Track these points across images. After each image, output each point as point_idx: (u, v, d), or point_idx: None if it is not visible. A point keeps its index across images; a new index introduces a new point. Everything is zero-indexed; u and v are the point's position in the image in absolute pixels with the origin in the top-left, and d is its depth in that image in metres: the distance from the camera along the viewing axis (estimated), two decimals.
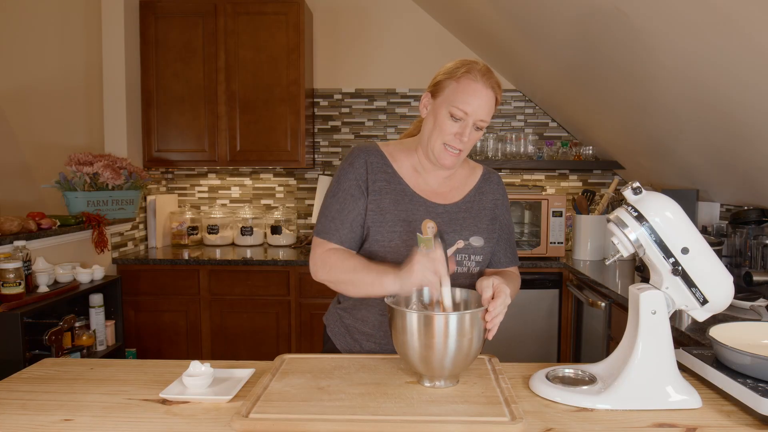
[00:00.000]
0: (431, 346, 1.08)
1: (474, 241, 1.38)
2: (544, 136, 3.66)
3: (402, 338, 1.12)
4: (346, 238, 1.35)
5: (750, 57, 1.60)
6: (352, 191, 1.36)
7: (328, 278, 1.33)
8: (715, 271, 1.08)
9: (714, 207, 2.65)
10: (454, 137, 1.30)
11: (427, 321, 1.09)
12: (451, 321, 1.08)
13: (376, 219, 1.35)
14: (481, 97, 1.27)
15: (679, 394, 1.06)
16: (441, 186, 1.42)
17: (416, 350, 1.10)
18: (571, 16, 2.22)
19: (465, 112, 1.28)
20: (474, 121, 1.29)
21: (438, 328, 1.08)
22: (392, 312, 1.14)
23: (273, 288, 3.05)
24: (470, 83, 1.28)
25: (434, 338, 1.08)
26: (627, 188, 1.10)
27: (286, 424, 0.96)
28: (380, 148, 1.42)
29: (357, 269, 1.28)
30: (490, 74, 1.30)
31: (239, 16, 3.27)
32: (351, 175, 1.37)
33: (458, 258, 1.37)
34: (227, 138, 3.33)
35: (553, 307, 3.02)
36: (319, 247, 1.36)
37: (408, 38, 3.60)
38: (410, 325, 1.10)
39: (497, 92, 1.31)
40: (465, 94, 1.27)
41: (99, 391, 1.15)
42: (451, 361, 1.10)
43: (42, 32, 3.53)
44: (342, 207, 1.36)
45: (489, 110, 1.30)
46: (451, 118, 1.29)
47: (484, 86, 1.28)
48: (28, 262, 2.22)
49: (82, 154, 2.83)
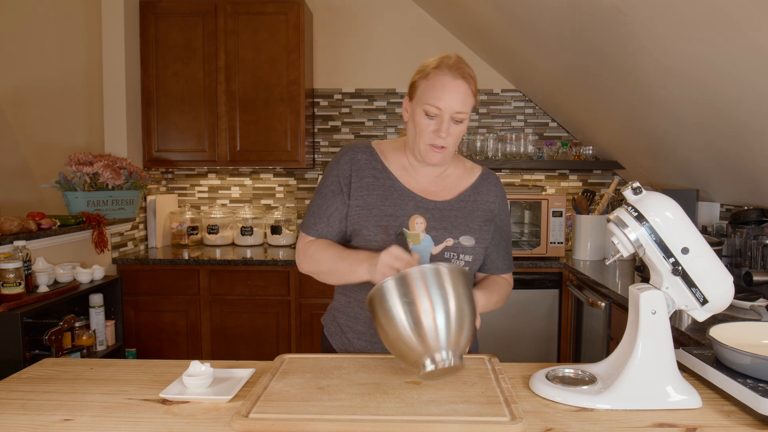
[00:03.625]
0: (414, 302, 1.06)
1: (464, 240, 1.38)
2: (544, 136, 3.66)
3: (387, 318, 1.08)
4: (324, 232, 1.41)
5: (750, 57, 1.60)
6: (332, 187, 1.40)
7: (309, 269, 1.41)
8: (715, 271, 1.08)
9: (714, 207, 2.65)
10: (433, 135, 1.30)
11: (402, 280, 1.07)
12: (428, 271, 1.07)
13: (361, 214, 1.37)
14: (451, 90, 1.28)
15: (679, 394, 1.06)
16: (432, 185, 1.42)
17: (404, 322, 1.06)
18: (571, 15, 2.22)
19: (438, 108, 1.28)
20: (450, 115, 1.29)
21: (416, 283, 1.07)
22: (371, 300, 1.11)
23: (273, 288, 3.05)
24: (439, 78, 1.28)
25: (414, 294, 1.06)
26: (627, 188, 1.10)
27: (286, 424, 0.96)
28: (372, 145, 1.44)
29: (333, 259, 1.34)
30: (459, 65, 1.30)
31: (239, 16, 3.27)
32: (334, 172, 1.41)
33: (447, 256, 1.37)
34: (227, 138, 3.33)
35: (553, 307, 3.02)
36: (301, 240, 1.44)
37: (408, 38, 3.60)
38: (389, 295, 1.08)
39: (470, 81, 1.30)
40: (435, 90, 1.28)
41: (99, 391, 1.15)
42: (444, 319, 1.06)
43: (42, 32, 3.53)
44: (322, 203, 1.41)
45: (463, 101, 1.29)
46: (426, 116, 1.30)
47: (454, 78, 1.28)
48: (28, 262, 2.22)
49: (82, 154, 2.83)
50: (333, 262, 1.34)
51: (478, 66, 3.61)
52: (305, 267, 1.41)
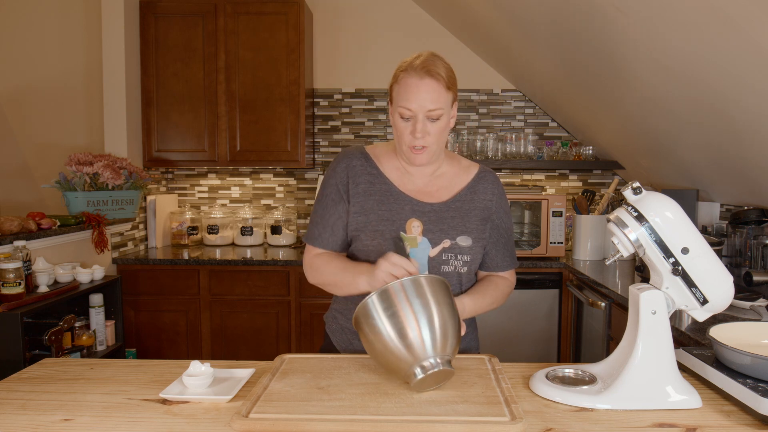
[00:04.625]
0: (397, 314, 1.08)
1: (461, 240, 1.38)
2: (544, 136, 3.66)
3: (374, 332, 1.10)
4: (329, 242, 1.42)
5: (749, 57, 1.60)
6: (333, 196, 1.41)
7: (317, 281, 1.44)
8: (715, 271, 1.08)
9: (714, 207, 2.65)
10: (411, 136, 1.31)
11: (384, 294, 1.10)
12: (407, 284, 1.11)
13: (360, 220, 1.38)
14: (419, 91, 1.28)
15: (679, 394, 1.06)
16: (428, 185, 1.42)
17: (390, 333, 1.08)
18: (571, 15, 2.22)
19: (409, 109, 1.29)
20: (423, 114, 1.29)
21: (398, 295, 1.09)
22: (357, 319, 1.14)
23: (273, 288, 3.05)
24: (406, 80, 1.30)
25: (397, 306, 1.08)
26: (627, 188, 1.10)
27: (286, 424, 0.96)
28: (366, 150, 1.45)
29: (337, 272, 1.36)
30: (426, 63, 1.29)
31: (239, 16, 3.27)
32: (332, 180, 1.42)
33: (445, 257, 1.37)
34: (227, 138, 3.33)
35: (553, 307, 3.02)
36: (308, 252, 1.47)
37: (408, 38, 3.60)
38: (373, 310, 1.10)
39: (438, 78, 1.29)
40: (404, 93, 1.30)
41: (99, 391, 1.15)
42: (428, 327, 1.08)
43: (42, 32, 3.53)
44: (324, 212, 1.43)
45: (434, 98, 1.29)
46: (402, 119, 1.32)
47: (420, 78, 1.28)
48: (28, 262, 2.22)
49: (82, 154, 2.83)
50: (336, 275, 1.36)
51: (478, 66, 3.61)
52: (313, 279, 1.45)
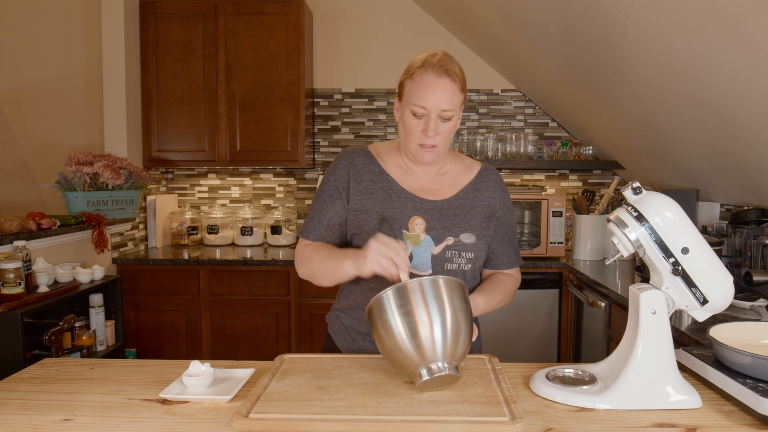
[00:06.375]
0: (411, 313, 1.07)
1: (465, 237, 1.38)
2: (544, 136, 3.66)
3: (385, 328, 1.09)
4: (323, 236, 1.42)
5: (750, 57, 1.60)
6: (331, 193, 1.41)
7: (305, 272, 1.42)
8: (715, 271, 1.08)
9: (714, 207, 2.65)
10: (422, 134, 1.31)
11: (400, 291, 1.09)
12: (425, 283, 1.09)
13: (361, 218, 1.37)
14: (436, 89, 1.27)
15: (679, 394, 1.06)
16: (431, 183, 1.42)
17: (401, 331, 1.07)
18: (571, 15, 2.22)
19: (424, 107, 1.28)
20: (437, 113, 1.29)
21: (414, 293, 1.08)
22: (370, 311, 1.12)
23: (273, 288, 3.05)
24: (423, 77, 1.28)
25: (412, 305, 1.07)
26: (627, 188, 1.10)
27: (286, 424, 0.96)
28: (369, 149, 1.45)
29: (323, 258, 1.35)
30: (443, 62, 1.29)
31: (239, 16, 3.27)
32: (332, 178, 1.42)
33: (449, 255, 1.37)
34: (227, 138, 3.33)
35: (553, 307, 3.02)
36: (299, 244, 1.46)
37: (408, 38, 3.60)
38: (387, 305, 1.09)
39: (455, 78, 1.29)
40: (420, 90, 1.28)
41: (99, 391, 1.15)
42: (440, 329, 1.06)
43: (42, 32, 3.53)
44: (320, 207, 1.42)
45: (450, 99, 1.28)
46: (414, 116, 1.31)
47: (438, 77, 1.27)
48: (28, 262, 2.22)
49: (82, 154, 2.83)
50: (322, 261, 1.34)
51: (478, 66, 3.61)
52: (301, 270, 1.43)
